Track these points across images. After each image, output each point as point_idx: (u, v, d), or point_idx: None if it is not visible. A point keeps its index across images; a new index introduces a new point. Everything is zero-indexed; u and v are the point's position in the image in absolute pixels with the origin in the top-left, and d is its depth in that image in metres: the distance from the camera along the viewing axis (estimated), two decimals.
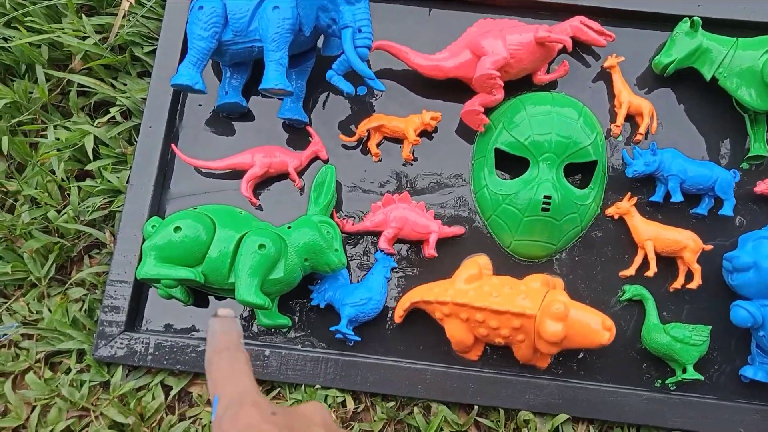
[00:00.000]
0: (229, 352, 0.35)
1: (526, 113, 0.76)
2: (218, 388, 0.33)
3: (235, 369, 0.34)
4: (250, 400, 0.31)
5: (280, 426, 0.29)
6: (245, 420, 0.30)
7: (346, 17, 0.71)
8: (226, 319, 0.38)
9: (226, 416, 0.31)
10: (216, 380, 0.34)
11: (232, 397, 0.32)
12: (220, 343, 0.36)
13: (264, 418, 0.30)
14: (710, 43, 0.77)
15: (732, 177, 0.76)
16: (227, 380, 0.33)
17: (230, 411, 0.31)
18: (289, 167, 0.78)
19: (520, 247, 0.77)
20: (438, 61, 0.78)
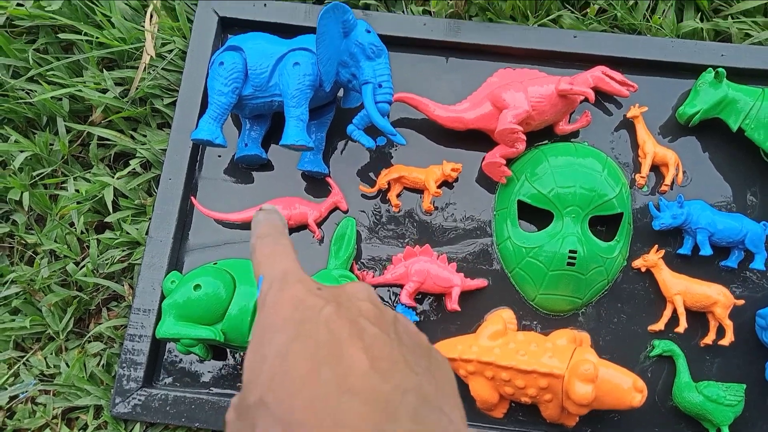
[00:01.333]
0: (272, 236, 0.34)
1: (548, 165, 0.75)
2: (261, 269, 0.32)
3: (278, 250, 0.33)
4: (294, 278, 0.30)
5: (327, 299, 0.29)
6: (290, 294, 0.29)
7: (366, 73, 0.70)
8: (269, 211, 0.37)
9: (270, 292, 0.30)
10: (259, 261, 0.33)
11: (276, 275, 0.31)
12: (263, 229, 0.35)
13: (310, 292, 0.29)
14: (736, 94, 0.76)
15: (763, 230, 0.74)
16: (270, 260, 0.32)
17: (275, 287, 0.30)
18: (308, 219, 0.77)
19: (545, 301, 0.75)
20: (459, 112, 0.78)
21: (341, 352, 0.26)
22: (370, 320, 0.28)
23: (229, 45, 0.74)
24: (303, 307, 0.28)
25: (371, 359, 0.25)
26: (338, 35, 0.70)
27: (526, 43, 0.82)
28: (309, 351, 0.26)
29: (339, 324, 0.27)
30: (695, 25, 0.82)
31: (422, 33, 0.83)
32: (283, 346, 0.26)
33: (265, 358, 0.27)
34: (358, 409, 0.24)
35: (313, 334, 0.26)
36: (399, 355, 0.26)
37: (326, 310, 0.28)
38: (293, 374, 0.25)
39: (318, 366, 0.25)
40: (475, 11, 0.86)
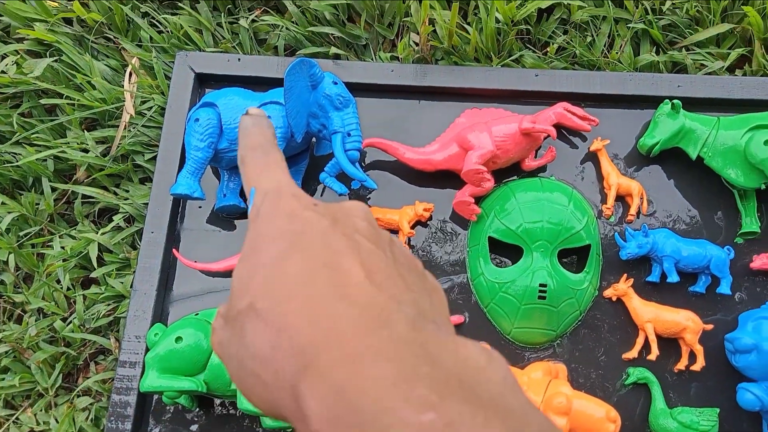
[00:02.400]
0: (263, 148, 0.33)
1: (516, 201, 0.78)
2: (253, 182, 0.32)
3: (270, 162, 0.32)
4: (289, 191, 0.30)
5: (323, 214, 0.28)
6: (285, 208, 0.29)
7: (335, 123, 0.74)
8: (257, 116, 0.36)
9: (264, 205, 0.29)
10: (250, 174, 0.32)
11: (269, 187, 0.30)
12: (253, 140, 0.34)
13: (305, 207, 0.29)
14: (693, 124, 0.79)
15: (726, 255, 0.76)
16: (263, 172, 0.32)
17: (268, 199, 0.29)
18: None
19: (520, 335, 0.77)
20: (428, 155, 0.81)
21: (337, 263, 0.25)
22: (367, 237, 0.28)
23: (203, 102, 0.78)
24: (298, 220, 0.28)
25: (367, 272, 0.25)
26: (306, 88, 0.73)
27: (490, 84, 0.86)
28: (303, 261, 0.25)
29: (335, 237, 0.27)
30: (651, 58, 0.86)
31: (391, 79, 0.87)
32: (277, 254, 0.26)
33: (256, 266, 0.26)
34: (353, 314, 0.23)
35: (308, 245, 0.26)
36: (394, 272, 0.26)
37: (323, 222, 0.27)
38: (286, 281, 0.25)
39: (313, 274, 0.25)
40: (440, 55, 0.89)
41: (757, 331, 0.69)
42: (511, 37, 0.86)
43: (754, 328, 0.70)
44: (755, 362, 0.68)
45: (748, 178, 0.76)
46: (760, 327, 0.69)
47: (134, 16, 0.88)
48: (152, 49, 0.88)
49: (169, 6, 0.90)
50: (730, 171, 0.77)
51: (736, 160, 0.76)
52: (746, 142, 0.75)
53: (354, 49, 0.91)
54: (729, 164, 0.77)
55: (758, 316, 0.70)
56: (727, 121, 0.78)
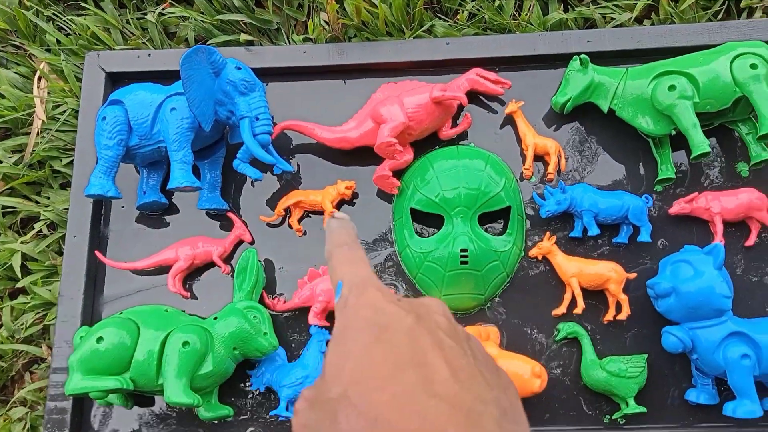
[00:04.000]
0: (348, 245, 0.37)
1: (433, 171, 0.78)
2: (339, 275, 0.34)
3: (355, 258, 0.35)
4: (373, 285, 0.32)
5: (406, 310, 0.30)
6: (370, 301, 0.31)
7: (242, 108, 0.73)
8: (343, 219, 0.40)
9: (350, 297, 0.32)
10: (336, 268, 0.35)
11: (355, 281, 0.33)
12: (339, 238, 0.37)
13: (390, 301, 0.31)
14: (601, 77, 0.79)
15: (644, 203, 0.77)
16: (348, 267, 0.35)
17: (354, 292, 0.32)
18: (213, 256, 0.79)
19: (450, 301, 0.77)
20: (343, 132, 0.81)
21: (424, 359, 0.27)
22: (448, 334, 0.29)
23: (110, 99, 0.77)
24: (384, 313, 0.30)
25: (452, 369, 0.27)
26: (208, 76, 0.73)
27: (403, 56, 0.85)
28: (392, 354, 0.27)
29: (420, 333, 0.28)
30: (560, 16, 0.86)
31: (305, 61, 0.86)
32: (367, 345, 0.28)
33: (347, 354, 0.28)
34: (444, 412, 0.25)
35: (396, 339, 0.28)
36: (476, 369, 0.28)
37: (408, 319, 0.29)
38: (378, 372, 0.27)
39: (402, 368, 0.27)
40: (353, 32, 0.89)
41: (674, 274, 0.70)
42: (419, 8, 0.86)
43: (671, 272, 0.70)
44: (675, 305, 0.69)
45: (658, 126, 0.76)
46: (677, 270, 0.70)
47: (39, 21, 0.87)
48: (61, 53, 0.86)
49: (73, 7, 0.89)
50: (640, 120, 0.77)
51: (645, 109, 0.77)
52: (652, 89, 0.75)
53: (267, 34, 0.90)
54: (639, 113, 0.77)
55: (675, 260, 0.71)
56: (635, 71, 0.78)
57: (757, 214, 0.76)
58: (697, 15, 0.85)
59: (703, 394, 0.71)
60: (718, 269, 0.67)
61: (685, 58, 0.76)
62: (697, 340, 0.68)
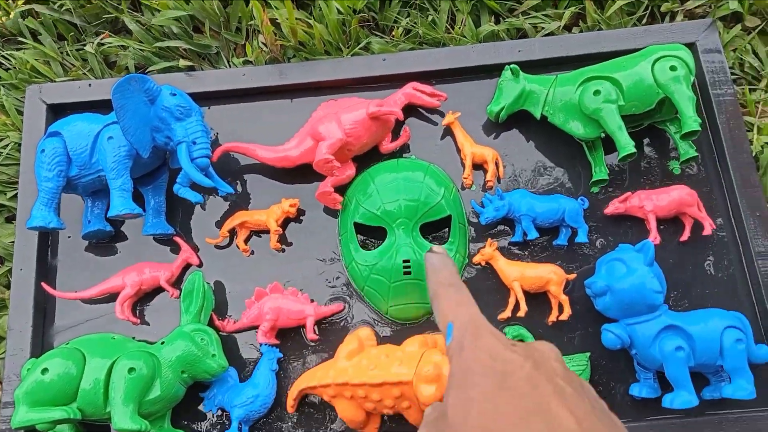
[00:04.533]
0: (455, 285, 0.38)
1: (374, 185, 0.79)
2: (450, 317, 0.35)
3: (463, 299, 0.36)
4: (487, 329, 0.33)
5: (523, 356, 0.31)
6: (487, 347, 0.31)
7: (178, 134, 0.74)
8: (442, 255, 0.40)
9: (465, 340, 0.32)
10: (445, 310, 0.36)
11: (467, 324, 0.34)
12: (444, 278, 0.38)
13: (506, 347, 0.31)
14: (532, 85, 0.82)
15: (579, 205, 0.79)
16: (458, 309, 0.35)
17: (469, 335, 0.33)
18: (161, 281, 0.79)
19: (397, 312, 0.78)
20: (284, 151, 0.82)
21: (548, 407, 0.28)
22: (566, 381, 0.30)
23: (49, 132, 0.77)
24: (501, 359, 0.31)
25: (577, 419, 0.27)
26: (143, 104, 0.74)
27: (341, 74, 0.87)
28: (516, 402, 0.28)
29: (540, 381, 0.29)
30: (492, 28, 0.89)
31: (245, 83, 0.88)
32: (490, 393, 0.29)
33: (471, 401, 0.29)
34: None
35: (518, 387, 0.29)
36: (595, 417, 0.28)
37: (527, 366, 0.30)
38: (504, 421, 0.28)
39: (528, 417, 0.27)
40: (292, 53, 0.90)
41: (609, 273, 0.72)
42: (355, 26, 0.88)
43: (606, 271, 0.72)
44: (611, 303, 0.71)
45: (587, 130, 0.79)
46: (611, 269, 0.72)
47: None
48: (1, 87, 0.87)
49: (12, 42, 0.89)
50: (571, 125, 0.80)
51: (574, 114, 0.79)
52: (579, 95, 0.78)
53: (207, 58, 0.91)
54: (569, 118, 0.80)
55: (610, 259, 0.73)
56: (563, 78, 0.81)
57: (689, 210, 0.78)
58: (622, 21, 0.88)
59: (645, 388, 0.73)
60: (649, 265, 0.70)
61: (610, 63, 0.79)
62: (635, 335, 0.70)
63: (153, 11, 0.90)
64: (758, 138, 0.82)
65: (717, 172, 0.82)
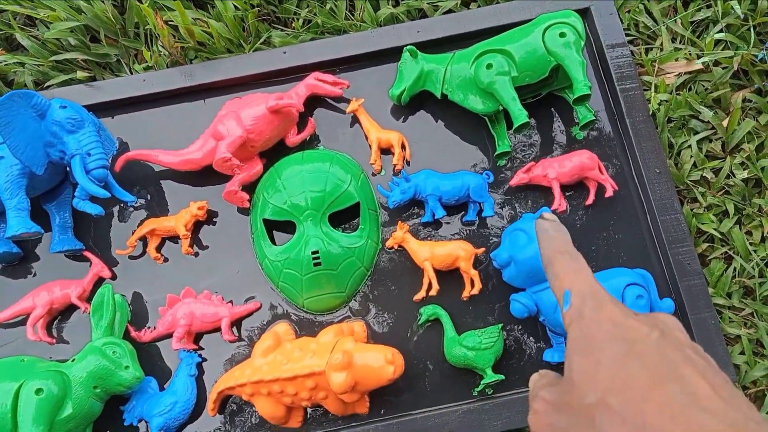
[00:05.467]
0: (570, 252, 0.37)
1: (279, 179, 0.79)
2: (566, 283, 0.34)
3: (581, 267, 0.35)
4: (608, 298, 0.32)
5: (648, 325, 0.30)
6: (610, 315, 0.31)
7: (71, 147, 0.73)
8: (554, 221, 0.40)
9: (586, 309, 0.32)
10: (562, 275, 0.35)
11: (586, 291, 0.33)
12: (559, 245, 0.37)
13: (628, 315, 0.31)
14: (430, 65, 0.82)
15: (484, 180, 0.80)
16: (576, 275, 0.34)
17: (589, 303, 0.32)
18: (72, 298, 0.78)
19: (313, 304, 0.78)
20: (188, 155, 0.81)
21: (681, 373, 0.27)
22: (694, 351, 0.30)
23: None
24: (626, 327, 0.30)
25: (712, 386, 0.27)
26: (32, 119, 0.72)
27: (243, 71, 0.86)
28: (648, 367, 0.28)
29: (668, 349, 0.29)
30: (391, 11, 0.88)
31: (146, 89, 0.86)
32: (620, 357, 0.28)
33: (599, 364, 0.29)
34: (717, 427, 0.25)
35: (648, 353, 0.28)
36: (731, 387, 0.28)
37: (654, 334, 0.29)
38: (636, 383, 0.27)
39: (662, 381, 0.27)
40: (193, 54, 0.89)
41: (512, 243, 0.72)
42: (253, 21, 0.87)
43: (509, 242, 0.73)
44: (515, 272, 0.72)
45: (486, 104, 0.79)
46: (514, 239, 0.72)
47: None
48: None
49: None
50: (470, 101, 0.80)
51: (471, 90, 0.79)
52: (474, 70, 0.78)
53: (108, 67, 0.90)
54: (468, 95, 0.80)
55: (512, 229, 0.74)
56: (459, 55, 0.81)
57: (590, 173, 0.79)
58: None
59: (557, 353, 0.74)
60: None
61: (502, 36, 0.79)
62: (541, 302, 0.71)
63: (47, 24, 0.88)
64: (655, 96, 0.83)
65: (618, 132, 0.83)
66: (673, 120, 0.84)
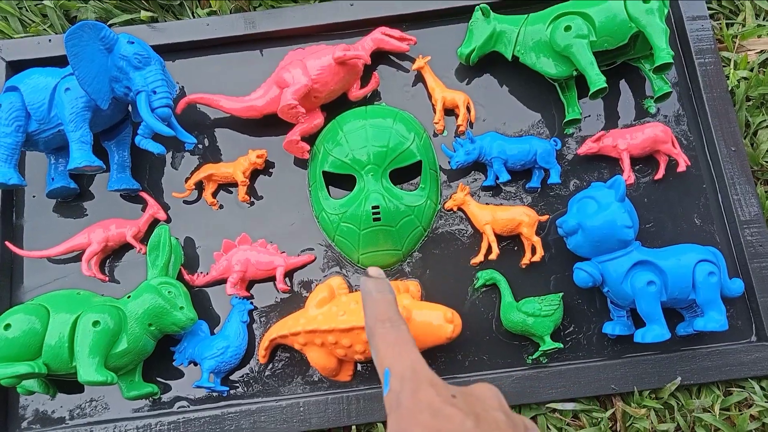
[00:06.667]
0: (392, 320, 0.35)
1: (342, 132, 0.77)
2: (387, 361, 0.33)
3: (402, 340, 0.34)
4: (426, 379, 0.31)
5: (463, 411, 0.29)
6: (426, 400, 0.30)
7: (137, 83, 0.72)
8: (379, 280, 0.37)
9: (403, 394, 0.30)
10: (383, 352, 0.33)
11: (405, 372, 0.31)
12: (381, 312, 0.35)
13: (445, 401, 0.29)
14: (503, 26, 0.79)
15: (552, 146, 0.77)
16: (396, 352, 0.33)
17: (407, 388, 0.31)
18: (127, 236, 0.78)
19: (369, 260, 0.77)
20: (251, 101, 0.80)
21: None
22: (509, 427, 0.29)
23: (5, 86, 0.75)
24: (443, 417, 0.29)
25: None
26: (100, 53, 0.71)
27: (309, 21, 0.85)
28: None
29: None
30: None
31: (209, 33, 0.85)
32: None
33: None
34: None
35: None
36: None
37: (468, 423, 0.28)
38: None
39: None
40: (258, 2, 0.88)
41: (580, 211, 0.70)
42: None
43: (577, 209, 0.71)
44: (582, 241, 0.70)
45: (559, 68, 0.76)
46: (583, 207, 0.70)
47: None
48: None
49: None
50: (543, 64, 0.77)
51: (546, 52, 0.77)
52: (551, 32, 0.75)
53: (170, 10, 0.89)
54: (541, 57, 0.77)
55: (581, 197, 0.72)
56: (534, 17, 0.78)
57: (663, 147, 0.77)
58: None
59: (618, 325, 0.72)
60: (620, 201, 0.68)
61: None
62: (607, 272, 0.69)
63: None
64: (734, 73, 0.80)
65: (692, 108, 0.81)
66: (752, 98, 0.81)
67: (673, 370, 0.72)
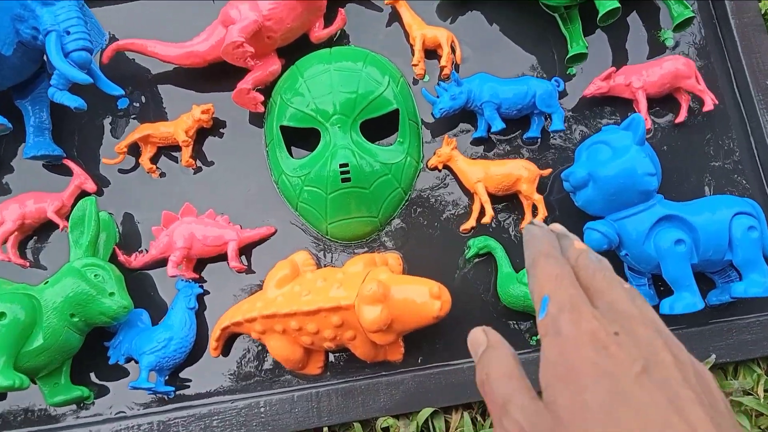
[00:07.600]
0: (556, 257, 0.35)
1: (302, 79, 0.65)
2: (546, 289, 0.33)
3: (564, 274, 0.33)
4: (588, 311, 0.30)
5: (632, 356, 0.28)
6: (589, 331, 0.29)
7: (45, 21, 0.58)
8: (543, 227, 0.38)
9: (562, 318, 0.30)
10: (542, 280, 0.33)
11: (564, 300, 0.31)
12: (546, 247, 0.35)
13: (608, 333, 0.29)
14: None
15: (553, 86, 0.65)
16: (557, 282, 0.33)
17: (568, 317, 0.30)
18: (48, 213, 0.65)
19: (339, 230, 0.65)
20: (191, 46, 0.67)
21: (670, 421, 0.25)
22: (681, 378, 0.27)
23: None
24: (607, 356, 0.28)
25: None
26: None
27: None
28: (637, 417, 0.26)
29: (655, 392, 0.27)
30: None
31: None
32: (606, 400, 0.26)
33: (586, 407, 0.27)
34: None
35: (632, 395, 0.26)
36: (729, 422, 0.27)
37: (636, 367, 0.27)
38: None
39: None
40: None
41: (591, 158, 0.58)
42: None
43: (587, 157, 0.59)
44: (594, 195, 0.58)
45: None
46: (594, 154, 0.58)
47: None
48: None
49: None
50: None
51: None
52: None
53: None
54: None
55: (591, 143, 0.60)
56: None
57: (685, 83, 0.65)
58: None
59: None
60: (640, 144, 0.56)
61: None
62: (624, 232, 0.57)
63: None
64: None
65: (717, 38, 0.68)
66: None
67: (705, 346, 0.60)
